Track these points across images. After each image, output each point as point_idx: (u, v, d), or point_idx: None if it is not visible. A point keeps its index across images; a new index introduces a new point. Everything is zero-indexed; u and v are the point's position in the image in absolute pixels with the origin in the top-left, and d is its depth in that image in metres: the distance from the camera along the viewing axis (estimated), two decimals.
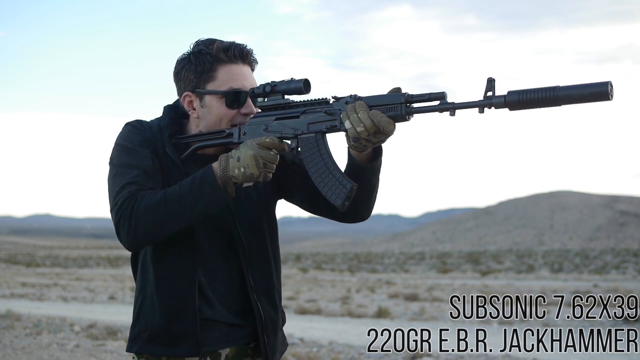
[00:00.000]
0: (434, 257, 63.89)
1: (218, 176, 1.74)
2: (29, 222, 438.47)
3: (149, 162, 1.84)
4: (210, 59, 1.85)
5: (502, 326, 12.62)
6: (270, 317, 1.95)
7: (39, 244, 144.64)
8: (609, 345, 10.03)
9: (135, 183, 1.80)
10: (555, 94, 1.54)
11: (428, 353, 8.81)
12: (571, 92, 1.54)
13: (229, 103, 1.86)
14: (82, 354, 8.29)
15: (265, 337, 1.92)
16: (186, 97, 1.91)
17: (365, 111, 1.66)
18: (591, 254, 65.44)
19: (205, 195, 1.74)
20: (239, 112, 1.88)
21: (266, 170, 1.74)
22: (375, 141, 1.70)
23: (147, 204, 1.75)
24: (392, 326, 12.81)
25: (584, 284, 24.88)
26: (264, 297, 1.94)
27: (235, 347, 1.94)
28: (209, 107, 1.88)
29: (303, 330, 11.56)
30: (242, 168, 1.73)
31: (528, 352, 9.34)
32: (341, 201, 1.75)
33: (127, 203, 1.77)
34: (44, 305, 17.15)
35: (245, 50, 1.88)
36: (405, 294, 19.66)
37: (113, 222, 1.81)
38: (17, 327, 10.43)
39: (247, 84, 1.88)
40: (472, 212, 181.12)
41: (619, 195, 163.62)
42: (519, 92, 1.57)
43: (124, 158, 1.84)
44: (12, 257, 67.28)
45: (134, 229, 1.76)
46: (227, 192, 1.76)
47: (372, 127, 1.66)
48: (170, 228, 1.77)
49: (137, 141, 1.87)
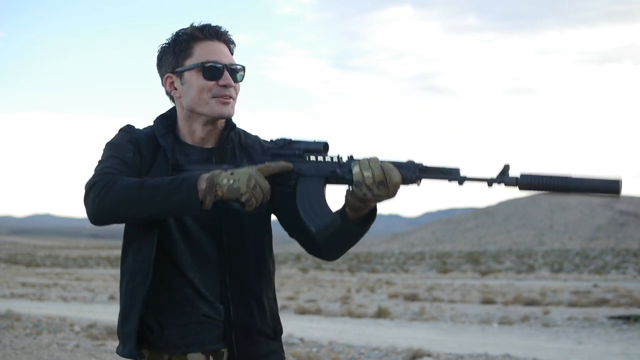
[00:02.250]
0: (434, 257, 63.91)
1: (204, 178, 1.75)
2: (29, 222, 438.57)
3: (130, 155, 1.91)
4: (187, 38, 1.93)
5: (502, 326, 12.63)
6: (240, 318, 1.93)
7: (39, 244, 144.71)
8: (608, 345, 10.04)
9: (114, 168, 1.86)
10: (568, 184, 1.58)
11: (428, 353, 8.81)
12: (583, 184, 1.58)
13: (207, 74, 1.91)
14: (82, 354, 8.30)
15: (233, 337, 1.91)
16: (167, 79, 1.98)
17: (379, 162, 1.73)
18: (591, 254, 65.44)
19: (180, 193, 1.75)
20: (217, 84, 1.92)
21: (254, 192, 1.73)
22: (376, 194, 1.72)
23: (123, 183, 1.80)
24: (392, 326, 12.82)
25: (584, 284, 24.89)
26: (238, 298, 1.94)
27: (227, 344, 1.95)
28: (189, 82, 1.93)
29: (303, 330, 11.56)
30: (232, 180, 1.74)
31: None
32: (318, 228, 1.75)
33: (103, 177, 1.83)
34: (44, 305, 17.16)
35: (221, 30, 1.96)
36: (405, 294, 19.67)
37: (84, 190, 1.84)
38: (17, 327, 10.44)
39: (223, 59, 1.94)
40: (472, 212, 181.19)
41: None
42: (531, 177, 1.62)
43: (108, 152, 1.93)
44: (12, 257, 67.32)
45: (100, 198, 1.79)
46: (203, 202, 1.75)
47: (379, 176, 1.70)
48: (134, 211, 1.79)
49: (124, 139, 1.96)
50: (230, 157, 1.99)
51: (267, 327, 1.99)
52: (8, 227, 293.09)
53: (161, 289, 1.93)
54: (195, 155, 1.97)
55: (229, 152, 2.00)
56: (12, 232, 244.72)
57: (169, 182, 1.78)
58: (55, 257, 73.64)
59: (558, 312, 14.74)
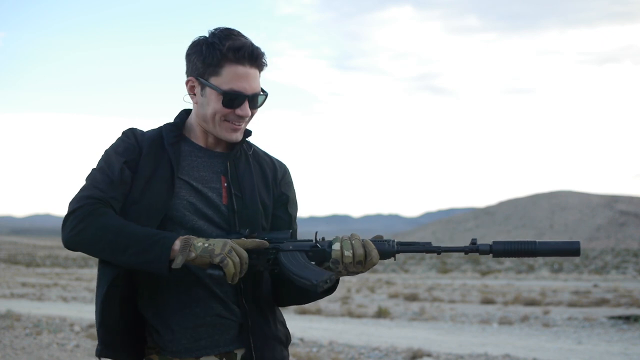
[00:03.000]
0: (434, 257, 63.88)
1: (178, 242, 1.75)
2: (29, 222, 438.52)
3: (117, 172, 1.87)
4: (219, 56, 1.86)
5: (502, 326, 12.62)
6: (257, 322, 1.93)
7: (39, 244, 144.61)
8: (608, 345, 10.03)
9: (97, 188, 1.84)
10: (535, 248, 1.78)
11: (428, 353, 8.81)
12: (549, 247, 1.79)
13: (226, 102, 1.88)
14: (82, 354, 8.30)
15: (252, 341, 1.90)
16: (189, 82, 1.94)
17: (361, 240, 1.77)
18: (591, 254, 65.43)
19: (152, 252, 1.74)
20: (234, 112, 1.90)
21: (229, 255, 1.72)
22: (352, 271, 1.78)
23: (101, 223, 1.78)
24: (392, 326, 12.81)
25: (584, 284, 24.88)
26: (253, 304, 1.93)
27: (246, 347, 1.92)
28: (208, 99, 1.90)
29: (303, 330, 11.56)
30: (207, 244, 1.73)
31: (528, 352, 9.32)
32: (318, 281, 1.74)
33: (86, 207, 1.81)
34: (44, 305, 17.16)
35: (256, 54, 1.88)
36: (405, 294, 19.66)
37: (67, 210, 1.84)
38: (17, 327, 10.43)
39: (248, 87, 1.88)
40: (472, 212, 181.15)
41: (619, 195, 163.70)
42: (504, 243, 1.80)
43: (101, 163, 1.92)
44: (12, 257, 67.31)
45: (76, 232, 1.79)
46: (174, 260, 1.74)
47: (360, 256, 1.75)
48: (104, 255, 1.80)
49: (120, 147, 1.93)
50: (244, 165, 1.99)
51: (280, 333, 1.99)
52: (8, 227, 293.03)
53: (169, 288, 1.88)
54: (208, 158, 1.96)
55: (242, 160, 1.99)
56: (12, 232, 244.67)
57: (144, 237, 1.76)
58: (55, 257, 73.61)
59: (558, 312, 14.73)
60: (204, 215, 1.90)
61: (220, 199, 1.93)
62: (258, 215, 1.94)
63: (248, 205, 1.94)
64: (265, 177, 2.02)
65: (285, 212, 2.04)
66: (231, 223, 1.92)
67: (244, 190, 1.95)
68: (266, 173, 2.02)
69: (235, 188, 1.95)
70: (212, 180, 1.94)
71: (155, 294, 1.89)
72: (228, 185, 1.94)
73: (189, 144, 1.97)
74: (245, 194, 1.95)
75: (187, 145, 1.97)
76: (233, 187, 1.94)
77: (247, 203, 1.94)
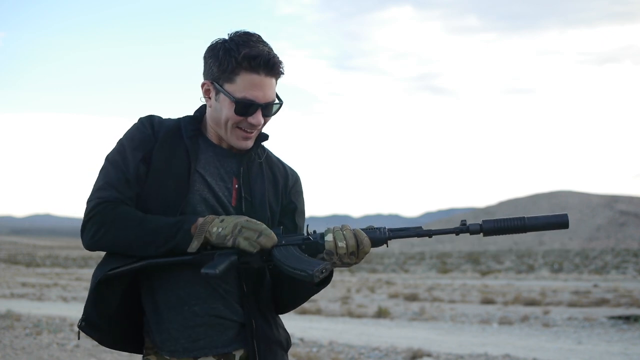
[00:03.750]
0: (434, 257, 63.87)
1: (196, 225, 1.78)
2: (29, 222, 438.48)
3: (133, 170, 1.87)
4: (234, 63, 1.84)
5: (502, 326, 12.62)
6: (261, 326, 1.92)
7: (39, 244, 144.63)
8: (608, 345, 10.03)
9: (114, 188, 1.84)
10: (524, 223, 1.79)
11: (428, 353, 8.81)
12: (537, 222, 1.79)
13: (238, 110, 1.86)
14: (82, 354, 8.29)
15: (255, 344, 1.89)
16: (205, 85, 1.93)
17: (352, 231, 1.79)
18: (591, 254, 65.44)
19: (175, 240, 1.78)
20: (246, 120, 1.89)
21: (240, 235, 1.75)
22: (345, 262, 1.78)
23: (121, 222, 1.80)
24: (392, 326, 12.81)
25: (584, 284, 24.87)
26: (256, 307, 1.93)
27: (248, 350, 1.90)
28: (221, 104, 1.89)
29: (303, 330, 11.56)
30: (221, 228, 1.76)
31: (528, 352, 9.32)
32: (314, 270, 1.74)
33: (102, 208, 1.81)
34: (44, 305, 17.15)
35: (272, 63, 1.85)
36: (405, 294, 19.66)
37: (84, 215, 1.84)
38: (17, 327, 10.43)
39: (262, 96, 1.87)
40: (472, 212, 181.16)
41: (619, 195, 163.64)
42: (493, 221, 1.81)
43: (116, 156, 1.89)
44: (12, 257, 67.30)
45: (98, 237, 1.81)
46: (191, 245, 1.77)
47: (353, 246, 1.76)
48: (129, 251, 1.81)
49: (136, 140, 1.91)
50: (257, 169, 1.98)
51: (281, 337, 1.98)
52: (8, 227, 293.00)
53: (168, 285, 1.87)
54: (223, 157, 1.95)
55: (256, 164, 1.99)
56: (12, 232, 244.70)
57: (167, 227, 1.78)
58: (55, 257, 73.61)
59: (558, 312, 14.73)
60: (215, 213, 1.89)
61: (230, 199, 1.92)
62: (265, 221, 1.93)
63: (256, 210, 1.93)
64: (276, 184, 2.01)
65: (291, 221, 2.03)
66: None
67: (254, 194, 1.94)
68: (277, 179, 2.02)
69: (246, 191, 1.94)
70: (225, 179, 1.94)
71: (155, 290, 1.88)
72: (239, 188, 1.93)
73: (205, 141, 1.97)
74: (255, 198, 1.94)
75: (204, 141, 1.97)
76: (244, 190, 1.93)
77: (256, 207, 1.94)
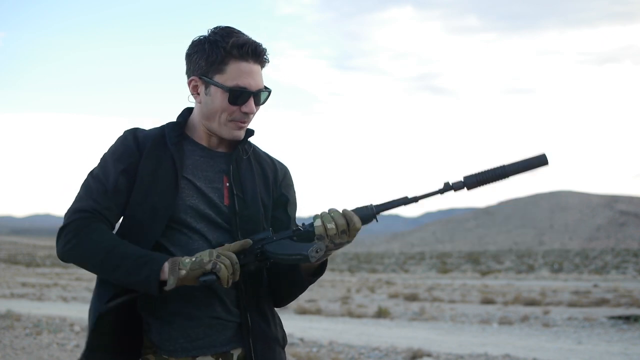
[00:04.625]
0: (434, 257, 63.89)
1: (167, 265, 1.75)
2: (29, 222, 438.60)
3: (112, 181, 1.87)
4: (223, 53, 1.86)
5: (502, 326, 12.62)
6: (257, 323, 1.92)
7: (39, 244, 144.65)
8: (608, 345, 10.03)
9: (92, 199, 1.85)
10: (505, 170, 1.80)
11: (428, 353, 8.81)
12: (518, 166, 1.80)
13: (232, 99, 1.87)
14: None
15: (251, 342, 1.89)
16: (192, 81, 1.93)
17: (339, 211, 1.79)
18: (591, 254, 65.47)
19: (141, 275, 1.75)
20: (239, 109, 1.90)
21: (218, 260, 1.73)
22: (338, 242, 1.78)
23: (93, 241, 1.80)
24: (392, 326, 12.81)
25: (584, 284, 24.88)
26: (254, 304, 1.93)
27: (245, 348, 1.91)
28: (213, 97, 1.89)
29: (303, 330, 11.56)
30: (194, 257, 1.74)
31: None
32: (308, 251, 1.74)
33: (78, 223, 1.82)
34: (44, 305, 17.16)
35: (259, 50, 1.89)
36: (405, 294, 19.67)
37: (63, 221, 1.86)
38: (17, 327, 10.43)
39: (253, 83, 1.89)
40: (472, 212, 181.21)
41: (619, 195, 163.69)
42: (475, 175, 1.81)
43: (97, 169, 1.91)
44: (12, 257, 67.32)
45: (69, 248, 1.82)
46: (166, 282, 1.75)
47: (342, 225, 1.75)
48: (96, 272, 1.82)
49: (118, 152, 1.92)
50: (246, 165, 1.98)
51: (279, 334, 1.99)
52: (8, 227, 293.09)
53: None
54: (211, 158, 1.95)
55: (244, 160, 1.99)
56: (12, 232, 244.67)
57: (135, 258, 1.77)
58: (55, 257, 73.57)
59: (558, 312, 14.73)
60: (206, 216, 1.90)
61: (221, 199, 1.92)
62: (259, 216, 1.94)
63: (249, 206, 1.94)
64: (265, 178, 2.01)
65: (284, 213, 2.04)
66: (232, 223, 1.91)
67: (246, 190, 1.95)
68: (267, 174, 2.02)
69: (237, 189, 1.94)
70: (215, 180, 1.94)
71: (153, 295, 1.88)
72: (230, 186, 1.93)
73: (191, 144, 1.96)
74: (247, 195, 1.95)
75: (190, 144, 1.96)
76: (235, 188, 1.94)
77: (249, 204, 1.94)
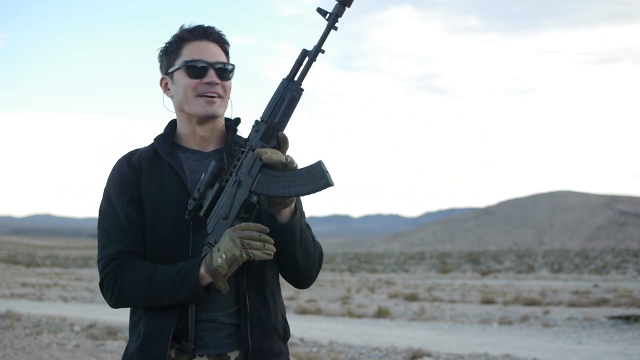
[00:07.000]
0: (434, 257, 63.88)
1: (203, 272, 1.80)
2: (29, 222, 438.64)
3: (124, 216, 1.90)
4: (177, 39, 1.96)
5: (502, 326, 12.62)
6: (256, 309, 1.90)
7: (39, 244, 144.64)
8: (608, 345, 10.03)
9: (114, 242, 1.89)
10: None
11: (428, 353, 8.81)
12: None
13: (190, 73, 1.92)
14: (82, 354, 8.30)
15: (249, 328, 1.88)
16: (163, 81, 2.01)
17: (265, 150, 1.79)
18: (591, 254, 65.45)
19: (184, 290, 1.81)
20: (202, 82, 1.93)
21: (248, 248, 1.75)
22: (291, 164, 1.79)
23: (132, 280, 1.85)
24: (392, 326, 12.81)
25: (584, 284, 24.87)
26: (254, 289, 1.92)
27: (243, 350, 1.89)
28: (177, 82, 1.95)
29: (303, 330, 11.56)
30: (224, 254, 1.77)
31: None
32: (324, 175, 1.77)
33: (109, 270, 1.88)
34: (44, 305, 17.16)
35: (211, 30, 1.97)
36: (405, 294, 19.66)
37: (99, 276, 1.91)
38: (17, 327, 10.43)
39: (209, 57, 1.94)
40: (472, 212, 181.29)
41: (619, 195, 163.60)
42: None
43: (105, 207, 1.95)
44: (12, 257, 67.28)
45: (116, 298, 1.88)
46: (218, 287, 1.80)
47: (274, 151, 1.78)
48: (148, 305, 1.87)
49: (117, 184, 1.94)
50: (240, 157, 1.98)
51: (279, 325, 1.97)
52: (8, 227, 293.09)
53: None
54: (203, 160, 1.96)
55: (236, 153, 1.97)
56: (12, 232, 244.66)
57: (172, 279, 1.82)
58: (55, 257, 73.63)
59: (558, 312, 14.73)
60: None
61: None
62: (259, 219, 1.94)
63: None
64: None
65: None
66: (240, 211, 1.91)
67: None
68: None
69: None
70: None
71: None
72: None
73: (183, 151, 1.98)
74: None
75: (182, 152, 1.98)
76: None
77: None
